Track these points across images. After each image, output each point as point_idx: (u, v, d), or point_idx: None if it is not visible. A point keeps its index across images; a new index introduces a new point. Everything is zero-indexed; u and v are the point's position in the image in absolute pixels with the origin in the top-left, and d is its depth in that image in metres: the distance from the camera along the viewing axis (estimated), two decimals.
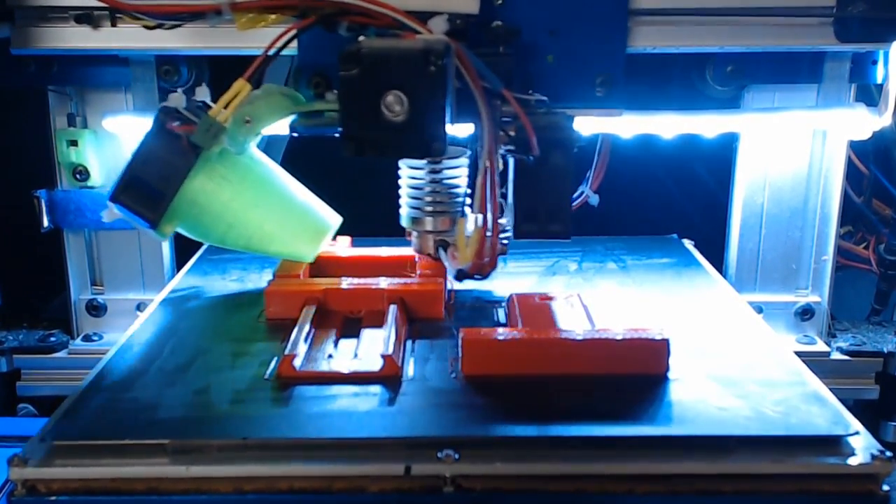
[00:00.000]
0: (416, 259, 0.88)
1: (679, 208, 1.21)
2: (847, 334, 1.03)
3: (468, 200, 0.83)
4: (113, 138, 0.98)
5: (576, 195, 1.07)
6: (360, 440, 0.61)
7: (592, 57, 0.80)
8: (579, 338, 0.70)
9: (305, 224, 0.88)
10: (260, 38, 0.73)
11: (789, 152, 0.99)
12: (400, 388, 0.68)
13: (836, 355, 1.00)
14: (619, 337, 0.70)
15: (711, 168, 1.16)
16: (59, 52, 0.87)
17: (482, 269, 0.72)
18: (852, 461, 0.59)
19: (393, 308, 0.79)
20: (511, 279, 0.92)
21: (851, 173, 1.05)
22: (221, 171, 0.80)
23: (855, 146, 1.00)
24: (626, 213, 1.22)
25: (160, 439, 0.60)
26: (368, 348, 0.75)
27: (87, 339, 1.04)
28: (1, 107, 1.09)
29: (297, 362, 0.70)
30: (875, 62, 0.93)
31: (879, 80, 0.92)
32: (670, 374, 0.69)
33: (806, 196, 1.00)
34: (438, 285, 0.83)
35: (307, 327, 0.76)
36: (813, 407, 0.64)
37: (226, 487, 0.58)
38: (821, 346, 1.01)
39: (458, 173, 0.82)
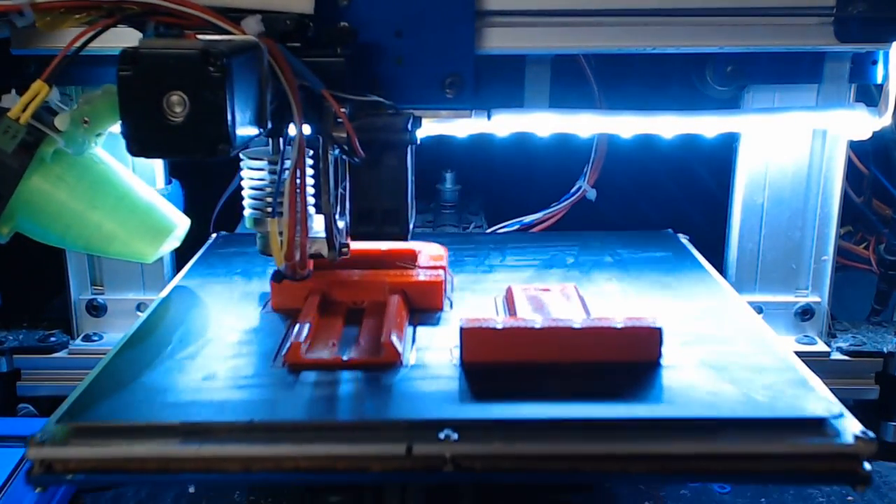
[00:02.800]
0: (418, 252, 0.89)
1: (679, 209, 1.21)
2: (847, 334, 1.03)
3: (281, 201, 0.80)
4: (113, 138, 0.98)
5: (573, 189, 1.08)
6: (363, 422, 0.63)
7: (440, 58, 0.81)
8: (575, 326, 0.72)
9: (146, 224, 0.87)
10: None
11: (789, 152, 0.99)
12: (401, 373, 0.70)
13: (836, 355, 1.00)
14: (613, 325, 0.71)
15: (711, 168, 1.16)
16: (59, 53, 0.87)
17: (295, 271, 0.72)
18: (836, 442, 0.61)
19: (395, 298, 0.81)
20: (510, 272, 0.94)
21: (851, 173, 1.05)
22: (57, 172, 0.79)
23: (855, 146, 1.00)
24: (626, 215, 1.23)
25: (171, 421, 0.62)
26: (371, 337, 0.76)
27: (87, 339, 1.04)
28: None
29: (303, 349, 0.72)
30: (875, 62, 0.93)
31: (879, 80, 0.92)
32: (663, 361, 0.71)
33: (806, 196, 1.00)
34: (439, 278, 0.84)
35: (312, 316, 0.78)
36: (800, 391, 0.66)
37: (234, 466, 0.60)
38: (821, 347, 1.01)
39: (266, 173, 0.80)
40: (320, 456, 0.61)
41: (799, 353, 0.74)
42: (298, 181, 0.68)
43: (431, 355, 0.73)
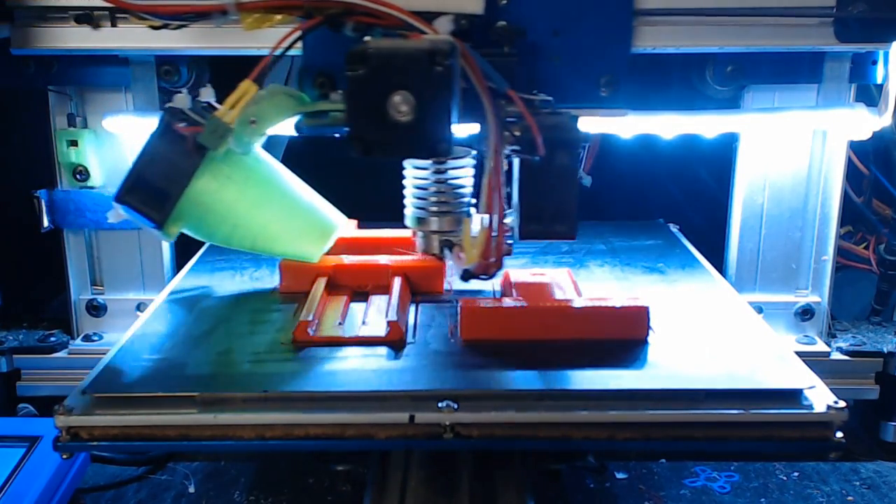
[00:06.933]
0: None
1: (679, 208, 1.21)
2: (847, 334, 1.03)
3: (473, 200, 0.83)
4: (113, 138, 0.98)
5: None
6: (369, 393, 0.67)
7: (596, 57, 0.81)
8: (566, 306, 0.77)
9: (311, 224, 0.87)
10: (260, 38, 0.73)
11: (789, 152, 0.99)
12: (404, 350, 0.74)
13: (836, 355, 1.00)
14: (603, 304, 0.76)
15: (711, 168, 1.16)
16: (59, 52, 0.87)
17: (487, 269, 0.74)
18: (809, 411, 0.65)
19: (398, 280, 0.85)
20: (507, 258, 0.96)
21: (851, 173, 1.05)
22: (226, 172, 0.79)
23: (855, 146, 1.00)
24: (625, 214, 1.23)
25: (190, 392, 0.66)
26: (375, 316, 0.81)
27: (87, 339, 1.04)
28: (1, 107, 1.09)
29: (311, 328, 0.76)
30: (875, 62, 0.93)
31: (879, 80, 0.92)
32: (650, 339, 0.75)
33: (806, 196, 1.00)
34: (440, 262, 0.87)
35: (319, 297, 0.82)
36: (777, 365, 0.71)
37: (248, 434, 0.65)
38: (821, 346, 1.01)
39: (463, 173, 0.82)
40: (329, 424, 0.65)
41: (799, 353, 0.74)
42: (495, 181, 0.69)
43: (432, 333, 0.78)
